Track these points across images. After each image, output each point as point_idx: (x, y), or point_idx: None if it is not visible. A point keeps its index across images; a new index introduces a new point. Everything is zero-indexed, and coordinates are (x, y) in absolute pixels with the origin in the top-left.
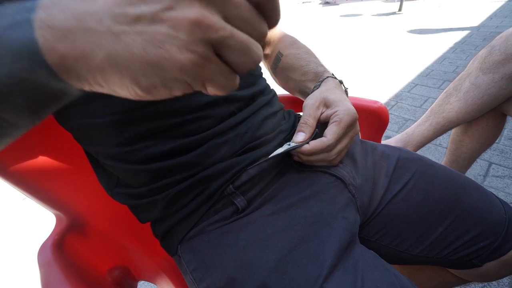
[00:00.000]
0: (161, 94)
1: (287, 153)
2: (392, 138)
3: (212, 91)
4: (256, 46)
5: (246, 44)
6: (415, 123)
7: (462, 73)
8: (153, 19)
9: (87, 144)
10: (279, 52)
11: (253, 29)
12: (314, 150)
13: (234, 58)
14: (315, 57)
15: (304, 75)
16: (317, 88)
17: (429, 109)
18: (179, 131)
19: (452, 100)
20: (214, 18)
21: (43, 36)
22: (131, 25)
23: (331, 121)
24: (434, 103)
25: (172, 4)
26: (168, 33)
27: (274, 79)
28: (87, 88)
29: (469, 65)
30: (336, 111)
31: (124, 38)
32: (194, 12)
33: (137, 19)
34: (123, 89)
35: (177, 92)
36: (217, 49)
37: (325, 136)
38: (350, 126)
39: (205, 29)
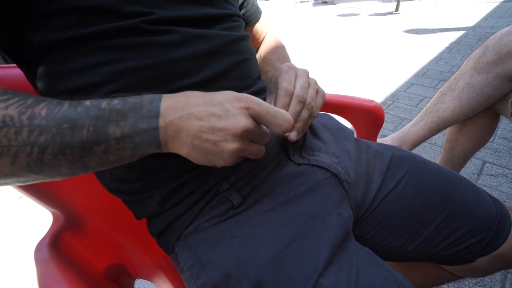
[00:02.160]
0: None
1: (282, 145)
2: (388, 137)
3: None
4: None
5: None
6: (411, 122)
7: (457, 73)
8: (214, 143)
9: None
10: (260, 54)
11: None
12: (282, 101)
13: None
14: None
15: (267, 80)
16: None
17: (424, 109)
18: None
19: (446, 99)
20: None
21: (162, 138)
22: (202, 143)
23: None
24: (429, 103)
25: (225, 139)
26: (219, 151)
27: None
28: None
29: (463, 65)
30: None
31: (195, 148)
32: (234, 145)
33: (206, 140)
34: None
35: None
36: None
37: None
38: (290, 69)
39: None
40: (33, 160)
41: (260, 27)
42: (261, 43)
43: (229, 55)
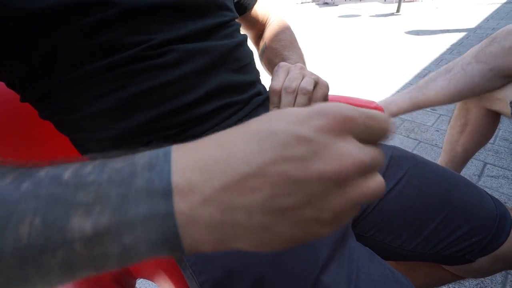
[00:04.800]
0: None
1: None
2: None
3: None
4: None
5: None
6: (398, 94)
7: (459, 57)
8: (299, 206)
9: (87, 152)
10: (265, 42)
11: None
12: (271, 101)
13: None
14: (295, 52)
15: None
16: None
17: (416, 83)
18: (179, 137)
19: (439, 79)
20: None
21: (187, 233)
22: (281, 216)
23: None
24: (423, 79)
25: (323, 194)
26: (313, 216)
27: (261, 64)
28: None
29: (468, 51)
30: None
31: (274, 229)
32: (343, 198)
33: (287, 209)
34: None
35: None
36: None
37: None
38: (280, 68)
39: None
40: None
41: (260, 9)
42: (265, 27)
43: (230, 64)
